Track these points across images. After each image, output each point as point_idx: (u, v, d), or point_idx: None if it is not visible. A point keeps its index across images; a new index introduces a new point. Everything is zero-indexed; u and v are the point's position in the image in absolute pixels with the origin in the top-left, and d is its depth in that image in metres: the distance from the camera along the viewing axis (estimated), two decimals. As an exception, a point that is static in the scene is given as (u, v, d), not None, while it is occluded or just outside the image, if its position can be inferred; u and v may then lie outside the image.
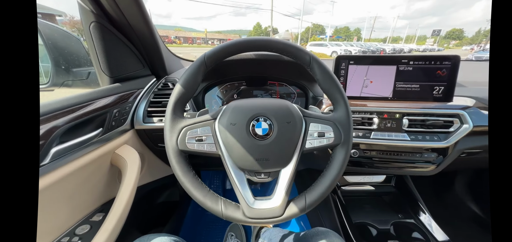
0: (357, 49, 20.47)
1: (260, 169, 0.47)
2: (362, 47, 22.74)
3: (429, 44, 52.21)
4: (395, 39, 76.69)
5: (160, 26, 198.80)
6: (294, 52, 0.49)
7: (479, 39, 60.99)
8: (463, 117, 0.68)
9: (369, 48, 23.40)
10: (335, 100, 0.51)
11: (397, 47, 31.18)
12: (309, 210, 0.49)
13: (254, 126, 0.45)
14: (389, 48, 28.14)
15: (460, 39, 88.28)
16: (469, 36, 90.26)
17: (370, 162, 0.77)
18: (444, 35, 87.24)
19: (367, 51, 21.01)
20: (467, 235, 1.22)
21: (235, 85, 0.84)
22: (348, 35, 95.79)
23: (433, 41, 57.13)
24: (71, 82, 0.79)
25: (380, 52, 22.07)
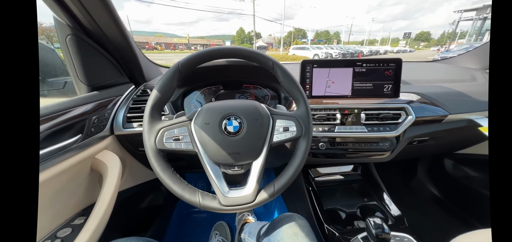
0: (337, 51, 21.43)
1: (233, 162, 0.53)
2: (342, 49, 23.85)
3: (401, 45, 56.18)
4: (371, 42, 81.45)
5: (140, 33, 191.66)
6: (258, 58, 0.57)
7: (444, 40, 66.94)
8: (408, 109, 0.80)
9: (348, 50, 24.61)
10: (296, 99, 0.60)
11: (374, 49, 33.11)
12: (278, 195, 0.56)
13: (226, 125, 0.51)
14: (366, 50, 29.80)
15: (428, 40, 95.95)
16: (435, 38, 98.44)
17: (336, 153, 0.87)
18: (414, 37, 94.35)
19: (347, 53, 22.08)
20: (421, 210, 1.38)
21: (212, 89, 0.90)
22: (328, 39, 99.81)
23: (405, 43, 61.58)
24: (47, 92, 0.79)
25: (358, 55, 23.31)
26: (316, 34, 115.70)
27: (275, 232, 0.62)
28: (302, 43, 60.48)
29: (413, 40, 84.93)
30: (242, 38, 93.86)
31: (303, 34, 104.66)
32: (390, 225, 0.83)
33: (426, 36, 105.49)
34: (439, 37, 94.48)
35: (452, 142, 1.11)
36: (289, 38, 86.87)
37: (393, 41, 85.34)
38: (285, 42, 71.61)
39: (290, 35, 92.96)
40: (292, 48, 24.46)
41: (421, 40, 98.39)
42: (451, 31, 51.16)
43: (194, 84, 0.88)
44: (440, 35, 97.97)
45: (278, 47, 53.85)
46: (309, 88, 0.83)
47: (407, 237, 0.70)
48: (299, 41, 76.17)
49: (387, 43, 79.49)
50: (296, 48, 23.90)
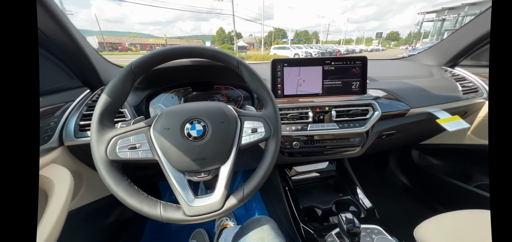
0: (317, 51, 22.18)
1: (198, 168, 0.50)
2: (321, 49, 24.75)
3: (375, 44, 60.01)
4: (347, 41, 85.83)
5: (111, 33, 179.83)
6: (222, 58, 0.54)
7: (411, 40, 72.95)
8: (375, 105, 0.83)
9: (326, 49, 25.61)
10: (264, 99, 0.58)
11: (350, 48, 34.84)
12: (247, 199, 0.54)
13: (188, 129, 0.48)
14: (343, 49, 31.26)
15: (397, 40, 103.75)
16: (404, 37, 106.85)
17: (310, 151, 0.87)
18: (385, 37, 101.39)
19: (325, 52, 22.96)
20: (393, 200, 1.47)
21: (181, 91, 0.85)
22: (307, 38, 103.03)
23: (378, 42, 65.91)
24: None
25: (336, 53, 24.39)
26: (296, 34, 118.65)
27: (242, 238, 0.60)
28: (283, 42, 61.63)
29: (384, 39, 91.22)
30: (223, 38, 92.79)
31: (283, 34, 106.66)
32: (362, 218, 0.85)
33: (395, 35, 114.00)
34: (407, 37, 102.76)
35: (416, 134, 1.19)
36: (270, 38, 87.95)
37: (367, 40, 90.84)
38: (266, 42, 72.34)
39: (270, 35, 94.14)
40: (273, 48, 24.80)
41: (392, 39, 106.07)
42: (416, 31, 55.88)
43: (160, 85, 0.82)
44: (408, 34, 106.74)
45: (259, 47, 54.16)
46: (281, 87, 0.82)
47: (377, 229, 0.73)
48: (280, 41, 77.51)
49: (361, 42, 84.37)
50: (277, 48, 24.26)
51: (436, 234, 0.69)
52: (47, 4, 0.50)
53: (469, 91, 1.00)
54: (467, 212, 0.75)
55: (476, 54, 1.08)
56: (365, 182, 1.02)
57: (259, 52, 30.53)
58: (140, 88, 0.77)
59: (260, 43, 58.53)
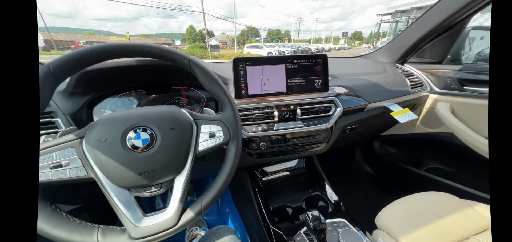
0: (289, 49, 22.85)
1: (147, 182, 0.44)
2: (293, 47, 25.60)
3: (342, 43, 64.44)
4: (317, 40, 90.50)
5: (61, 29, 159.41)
6: (171, 56, 0.48)
7: (372, 39, 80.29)
8: (336, 102, 0.86)
9: (298, 48, 26.58)
10: (221, 101, 0.54)
11: (320, 46, 36.79)
12: (207, 210, 0.50)
13: (132, 139, 0.41)
14: (314, 48, 32.86)
15: (361, 39, 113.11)
16: (366, 37, 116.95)
17: (277, 151, 0.87)
18: (350, 36, 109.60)
19: (297, 51, 23.81)
20: (360, 189, 1.57)
21: (132, 94, 0.75)
22: (280, 37, 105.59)
23: (344, 41, 70.92)
24: None
25: (307, 51, 25.47)
26: (269, 32, 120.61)
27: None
28: (256, 41, 62.01)
29: (350, 38, 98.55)
30: (193, 37, 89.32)
31: (256, 33, 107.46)
32: (329, 212, 0.88)
33: (359, 35, 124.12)
34: (368, 36, 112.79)
35: (375, 126, 1.28)
36: (243, 36, 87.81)
37: (334, 39, 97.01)
38: (239, 40, 71.91)
39: (243, 33, 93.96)
40: (247, 47, 24.80)
41: (356, 38, 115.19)
42: (376, 32, 61.72)
43: (105, 89, 0.71)
44: (369, 34, 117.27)
45: (232, 45, 53.59)
46: (245, 87, 0.79)
47: (342, 221, 0.76)
48: (253, 39, 77.90)
49: (330, 41, 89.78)
50: (250, 47, 24.33)
51: (393, 218, 0.74)
52: None
53: (416, 86, 1.11)
54: (418, 195, 0.82)
55: (420, 52, 1.21)
56: (334, 175, 1.06)
57: (233, 51, 30.23)
58: (77, 93, 0.65)
59: (233, 42, 57.97)
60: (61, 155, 0.38)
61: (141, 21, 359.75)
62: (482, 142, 0.92)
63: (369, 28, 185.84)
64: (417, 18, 1.11)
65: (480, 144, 0.93)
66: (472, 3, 0.89)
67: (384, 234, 0.72)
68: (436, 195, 0.82)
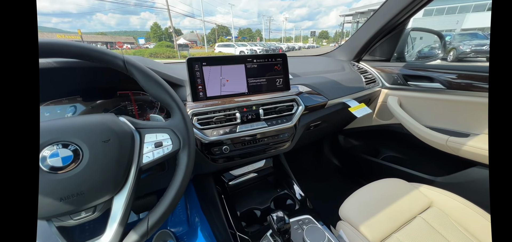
0: (261, 48, 23.12)
1: (73, 208, 0.36)
2: (264, 46, 25.97)
3: (310, 42, 67.82)
4: (287, 39, 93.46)
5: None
6: (99, 57, 0.41)
7: (337, 38, 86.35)
8: (298, 100, 0.87)
9: (270, 47, 27.07)
10: (168, 105, 0.48)
11: (291, 45, 38.11)
12: (155, 230, 0.44)
13: (46, 158, 0.33)
14: (284, 46, 33.85)
15: (327, 38, 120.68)
16: (332, 36, 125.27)
17: (242, 154, 0.84)
18: (318, 35, 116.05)
19: (269, 49, 24.25)
20: (330, 182, 1.65)
21: (64, 101, 0.63)
22: (251, 36, 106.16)
23: (312, 40, 74.78)
24: None
25: (279, 50, 26.14)
26: (240, 31, 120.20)
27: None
28: (227, 40, 61.24)
29: (317, 38, 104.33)
30: (159, 35, 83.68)
31: (227, 32, 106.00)
32: (297, 210, 0.89)
33: (325, 34, 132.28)
34: (334, 36, 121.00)
35: (338, 122, 1.35)
36: (213, 35, 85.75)
37: (304, 38, 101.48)
38: (209, 39, 70.13)
39: (213, 32, 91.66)
40: (218, 46, 24.28)
41: (323, 37, 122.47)
42: (340, 31, 66.54)
43: None
44: (334, 34, 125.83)
45: (202, 44, 51.86)
46: (203, 88, 0.74)
47: (307, 218, 0.76)
48: (224, 38, 76.72)
49: (299, 40, 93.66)
50: (221, 46, 23.88)
51: (353, 208, 0.78)
52: None
53: (370, 82, 1.19)
54: (374, 184, 0.88)
55: (371, 51, 1.31)
56: (304, 171, 1.08)
57: (203, 50, 29.29)
58: None
59: (202, 41, 56.16)
60: None
61: (95, 17, 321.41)
62: (423, 130, 1.04)
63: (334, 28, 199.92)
64: (367, 20, 1.20)
65: (421, 132, 1.04)
66: (408, 6, 1.00)
67: (346, 224, 0.75)
68: (390, 182, 0.89)
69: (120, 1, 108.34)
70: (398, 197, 0.80)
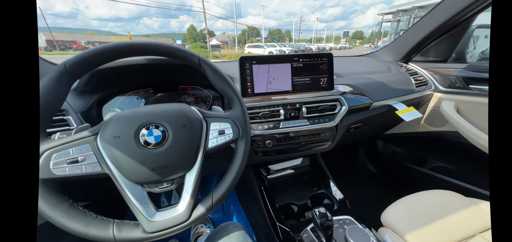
0: (290, 49, 22.83)
1: (159, 178, 0.44)
2: (294, 47, 25.58)
3: (343, 43, 64.30)
4: (318, 40, 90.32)
5: (63, 29, 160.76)
6: (181, 55, 0.49)
7: (373, 38, 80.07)
8: (342, 100, 0.86)
9: (299, 47, 26.57)
10: (230, 99, 0.55)
11: (321, 46, 36.73)
12: (217, 206, 0.51)
13: (144, 136, 0.42)
14: (314, 47, 32.80)
15: (362, 38, 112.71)
16: (367, 36, 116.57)
17: (283, 149, 0.87)
18: (351, 35, 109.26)
19: (298, 50, 23.80)
20: (364, 188, 1.57)
21: (140, 93, 0.76)
22: (281, 37, 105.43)
23: (345, 41, 70.75)
24: None
25: (308, 51, 25.47)
26: (269, 32, 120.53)
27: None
28: (257, 41, 61.96)
29: (350, 38, 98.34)
30: (194, 36, 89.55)
31: (257, 33, 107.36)
32: (335, 209, 0.89)
33: (360, 34, 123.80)
34: (370, 36, 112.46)
35: (379, 125, 1.28)
36: (244, 36, 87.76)
37: (335, 39, 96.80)
38: (239, 40, 71.93)
39: (244, 33, 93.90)
40: (247, 46, 24.80)
41: (357, 38, 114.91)
42: (377, 31, 61.45)
43: (115, 87, 0.72)
44: (370, 34, 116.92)
45: (233, 45, 53.61)
46: (251, 85, 0.80)
47: (348, 219, 0.76)
48: (254, 39, 77.88)
49: (331, 41, 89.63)
50: (251, 46, 24.33)
51: (398, 216, 0.75)
52: None
53: (421, 84, 1.11)
54: (424, 193, 0.83)
55: (424, 51, 1.21)
56: (338, 174, 1.07)
57: (233, 51, 30.24)
58: (87, 91, 0.66)
59: (233, 41, 57.95)
60: (77, 151, 0.39)
61: (142, 21, 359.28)
62: (487, 140, 0.92)
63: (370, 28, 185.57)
64: (422, 17, 1.11)
65: (485, 142, 0.93)
66: (477, 2, 0.89)
67: (390, 231, 0.72)
68: (441, 193, 0.82)
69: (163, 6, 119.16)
70: (453, 211, 0.73)
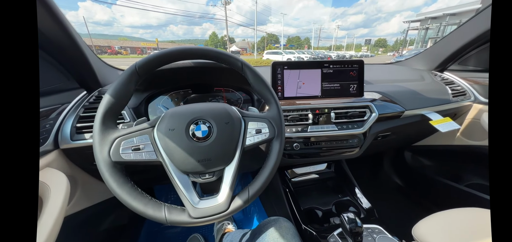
0: (309, 56, 22.61)
1: (203, 169, 0.49)
2: (312, 54, 25.28)
3: (364, 51, 62.08)
4: (338, 47, 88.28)
5: (100, 35, 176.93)
6: (226, 59, 0.54)
7: (397, 46, 76.19)
8: (372, 107, 0.86)
9: (318, 55, 26.20)
10: (267, 100, 0.58)
11: (341, 54, 35.84)
12: (253, 200, 0.54)
13: (193, 130, 0.47)
14: (334, 55, 32.09)
15: (385, 46, 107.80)
16: (391, 44, 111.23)
17: (310, 153, 0.88)
18: (373, 43, 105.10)
19: (317, 57, 23.48)
20: (388, 200, 1.50)
21: (180, 93, 0.84)
22: (299, 44, 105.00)
23: (367, 49, 68.23)
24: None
25: (327, 58, 24.94)
26: (288, 39, 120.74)
27: (260, 237, 0.59)
28: (275, 48, 62.42)
29: (373, 46, 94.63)
30: (215, 43, 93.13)
31: (276, 40, 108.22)
32: (362, 218, 0.87)
33: (383, 42, 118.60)
34: (394, 44, 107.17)
35: (409, 135, 1.23)
36: (263, 43, 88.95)
37: (356, 46, 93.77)
38: (258, 47, 73.07)
39: (263, 40, 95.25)
40: (266, 53, 25.06)
41: (379, 46, 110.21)
42: (402, 39, 58.42)
43: (160, 87, 0.81)
44: (394, 42, 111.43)
45: (252, 51, 54.61)
46: (281, 89, 0.83)
47: (377, 228, 0.74)
48: (272, 46, 78.58)
49: (351, 48, 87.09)
50: (270, 53, 24.54)
51: (434, 231, 0.71)
52: (47, 4, 0.49)
53: (458, 94, 1.05)
54: (461, 210, 0.78)
55: (463, 60, 1.14)
56: (360, 183, 1.04)
57: (252, 57, 30.75)
58: (140, 90, 0.75)
59: (252, 48, 58.97)
60: (138, 140, 0.45)
61: (168, 28, 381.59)
62: None
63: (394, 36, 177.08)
64: (462, 24, 1.06)
65: None
66: None
67: None
68: (481, 212, 0.76)
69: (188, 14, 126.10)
70: None
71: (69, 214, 0.68)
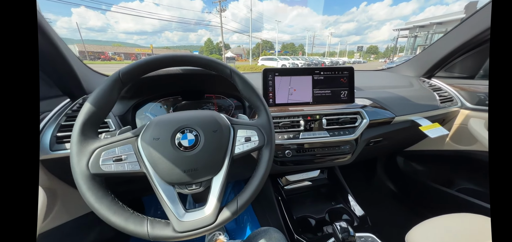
0: (303, 62, 22.94)
1: (190, 180, 0.47)
2: (307, 60, 25.66)
3: (356, 57, 63.68)
4: (331, 54, 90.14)
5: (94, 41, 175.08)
6: (215, 66, 0.53)
7: (388, 53, 78.51)
8: (363, 113, 0.86)
9: (312, 61, 26.62)
10: (257, 108, 0.57)
11: (334, 60, 36.55)
12: (242, 211, 0.52)
13: (179, 139, 0.45)
14: (328, 61, 32.70)
15: (376, 53, 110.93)
16: (382, 51, 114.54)
17: (302, 160, 0.87)
18: (365, 50, 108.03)
19: (311, 64, 23.87)
20: (381, 206, 1.50)
21: (170, 100, 0.82)
22: (294, 50, 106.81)
23: (359, 55, 70.02)
24: None
25: (321, 64, 25.40)
26: (283, 46, 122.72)
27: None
28: (270, 54, 63.22)
29: (365, 53, 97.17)
30: (211, 49, 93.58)
31: (271, 46, 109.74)
32: (355, 226, 0.86)
33: (374, 49, 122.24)
34: (385, 51, 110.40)
35: (400, 140, 1.24)
36: (258, 49, 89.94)
37: (349, 53, 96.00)
38: (253, 53, 73.77)
39: (258, 46, 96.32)
40: (261, 59, 25.30)
41: (371, 53, 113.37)
42: (392, 46, 60.36)
43: (148, 94, 0.78)
44: (385, 49, 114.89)
45: (247, 57, 55.10)
46: (272, 96, 0.83)
47: (371, 237, 0.73)
48: (267, 52, 79.57)
49: (344, 55, 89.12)
50: (264, 59, 24.79)
51: (425, 237, 0.70)
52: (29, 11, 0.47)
53: (446, 100, 1.07)
54: (454, 216, 0.78)
55: (449, 67, 1.17)
56: (353, 190, 1.04)
57: (247, 63, 30.98)
58: (126, 97, 0.73)
59: (248, 54, 59.53)
60: (121, 150, 0.43)
61: (163, 34, 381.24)
62: None
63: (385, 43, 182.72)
64: (448, 32, 1.09)
65: None
66: None
67: None
68: (473, 218, 0.77)
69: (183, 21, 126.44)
70: (486, 238, 0.68)
71: (47, 229, 0.64)
